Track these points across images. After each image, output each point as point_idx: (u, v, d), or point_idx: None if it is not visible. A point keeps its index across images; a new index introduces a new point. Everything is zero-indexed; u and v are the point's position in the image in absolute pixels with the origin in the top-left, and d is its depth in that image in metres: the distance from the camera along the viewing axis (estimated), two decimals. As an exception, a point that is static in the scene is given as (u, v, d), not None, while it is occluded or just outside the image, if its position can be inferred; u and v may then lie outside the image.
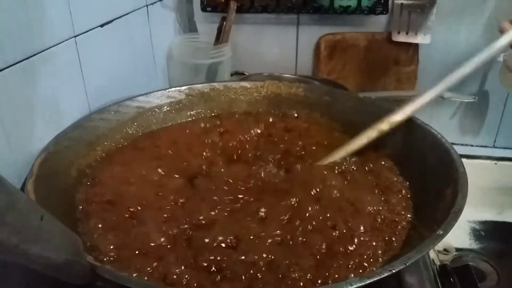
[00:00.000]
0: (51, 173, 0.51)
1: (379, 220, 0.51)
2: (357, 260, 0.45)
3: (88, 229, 0.48)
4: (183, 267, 0.43)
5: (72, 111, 0.63)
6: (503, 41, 0.61)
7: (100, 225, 0.48)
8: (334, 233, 0.48)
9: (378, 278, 0.38)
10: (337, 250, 0.46)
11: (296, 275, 0.43)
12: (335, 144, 0.63)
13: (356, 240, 0.48)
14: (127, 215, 0.51)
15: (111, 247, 0.45)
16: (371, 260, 0.45)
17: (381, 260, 0.46)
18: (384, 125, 0.60)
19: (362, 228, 0.49)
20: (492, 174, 0.94)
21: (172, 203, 0.53)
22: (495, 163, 0.95)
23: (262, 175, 0.58)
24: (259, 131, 0.69)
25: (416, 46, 0.97)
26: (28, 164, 0.51)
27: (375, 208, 0.52)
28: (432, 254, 0.62)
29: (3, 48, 0.49)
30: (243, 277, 0.43)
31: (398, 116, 0.60)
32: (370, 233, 0.49)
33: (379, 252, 0.46)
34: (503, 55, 0.90)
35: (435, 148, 0.57)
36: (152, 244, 0.46)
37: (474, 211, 0.93)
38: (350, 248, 0.47)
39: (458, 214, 0.44)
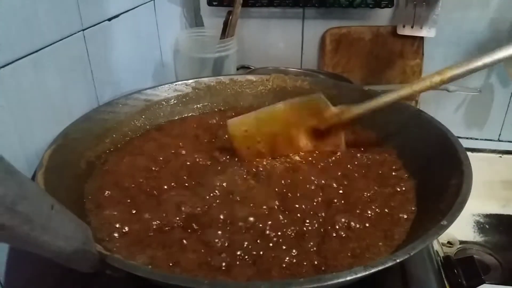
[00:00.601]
0: (60, 165, 0.51)
1: (383, 211, 0.51)
2: (360, 250, 0.46)
3: (98, 219, 0.49)
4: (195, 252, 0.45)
5: (81, 103, 0.63)
6: None
7: (110, 215, 0.49)
8: (336, 224, 0.49)
9: (382, 267, 0.38)
10: (339, 240, 0.47)
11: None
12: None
13: (359, 231, 0.48)
14: (137, 204, 0.52)
15: (120, 235, 0.46)
16: (375, 249, 0.46)
17: (384, 250, 0.46)
18: (435, 78, 0.56)
19: (365, 218, 0.50)
20: (496, 167, 0.94)
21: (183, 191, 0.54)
22: (500, 157, 0.95)
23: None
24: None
25: (421, 39, 0.97)
26: (38, 155, 0.52)
27: (378, 199, 0.53)
28: (436, 246, 0.62)
29: (13, 41, 0.49)
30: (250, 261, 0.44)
31: (454, 71, 0.56)
32: (374, 223, 0.49)
33: (383, 242, 0.47)
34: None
35: (440, 140, 0.57)
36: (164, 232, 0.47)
37: (479, 204, 0.93)
38: (352, 237, 0.47)
39: (462, 204, 0.44)
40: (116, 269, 0.38)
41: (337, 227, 0.49)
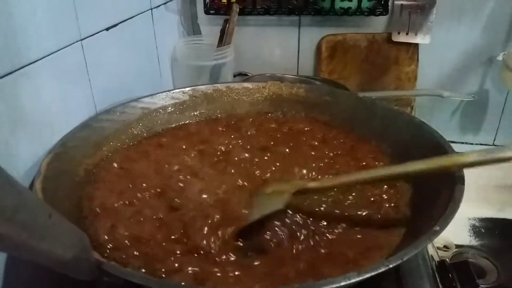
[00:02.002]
0: (58, 173, 0.52)
1: (377, 215, 0.52)
2: (354, 254, 0.46)
3: (95, 227, 0.49)
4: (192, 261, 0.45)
5: (79, 112, 0.64)
6: None
7: (107, 224, 0.49)
8: (328, 231, 0.50)
9: (375, 272, 0.38)
10: (330, 247, 0.47)
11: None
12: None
13: (353, 235, 0.49)
14: (134, 212, 0.52)
15: (117, 242, 0.47)
16: (369, 254, 0.46)
17: (378, 255, 0.47)
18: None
19: (359, 223, 0.51)
20: (492, 171, 0.94)
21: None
22: (495, 161, 0.95)
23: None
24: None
25: (416, 46, 0.98)
26: (36, 164, 0.52)
27: (371, 205, 0.53)
28: (431, 250, 0.63)
29: (12, 51, 0.50)
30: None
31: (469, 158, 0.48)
32: (367, 229, 0.50)
33: (377, 246, 0.47)
34: (503, 54, 0.91)
35: (433, 146, 0.57)
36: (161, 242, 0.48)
37: (474, 208, 0.93)
38: (346, 242, 0.48)
39: (455, 210, 0.45)
40: (113, 276, 0.39)
41: (330, 230, 0.49)
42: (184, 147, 0.65)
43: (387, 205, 0.54)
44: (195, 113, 0.74)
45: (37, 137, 0.56)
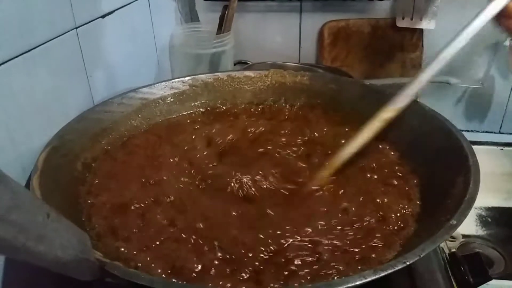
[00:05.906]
0: (56, 167, 0.50)
1: (386, 211, 0.50)
2: (365, 248, 0.45)
3: (94, 224, 0.48)
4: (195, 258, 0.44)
5: (75, 103, 0.62)
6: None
7: (106, 219, 0.48)
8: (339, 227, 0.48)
9: (392, 270, 0.37)
10: (343, 241, 0.46)
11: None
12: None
13: (363, 228, 0.48)
14: (135, 208, 0.51)
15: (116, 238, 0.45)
16: (381, 248, 0.45)
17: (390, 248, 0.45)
18: (388, 113, 0.57)
19: (368, 219, 0.49)
20: (498, 160, 0.93)
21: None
22: (501, 149, 0.94)
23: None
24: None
25: (421, 31, 0.95)
26: (32, 158, 0.50)
27: (381, 195, 0.52)
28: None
29: (4, 41, 0.48)
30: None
31: (401, 102, 0.57)
32: (377, 224, 0.48)
33: (388, 240, 0.46)
34: (510, 40, 0.89)
35: (444, 136, 0.56)
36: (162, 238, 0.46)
37: (481, 198, 0.91)
38: (357, 235, 0.47)
39: (471, 203, 0.44)
40: (116, 277, 0.37)
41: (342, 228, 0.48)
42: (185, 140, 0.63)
43: (396, 196, 0.52)
44: (196, 103, 0.72)
45: (33, 131, 0.54)
